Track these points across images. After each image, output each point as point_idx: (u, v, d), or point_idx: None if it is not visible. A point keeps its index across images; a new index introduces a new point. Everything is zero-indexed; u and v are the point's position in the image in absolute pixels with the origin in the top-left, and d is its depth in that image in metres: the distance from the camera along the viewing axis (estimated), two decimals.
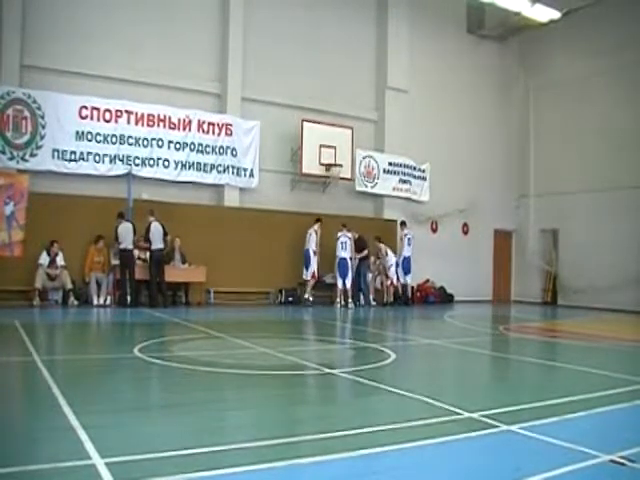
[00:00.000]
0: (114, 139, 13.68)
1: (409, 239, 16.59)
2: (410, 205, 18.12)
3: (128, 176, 13.65)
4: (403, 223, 16.99)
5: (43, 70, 13.16)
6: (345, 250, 15.27)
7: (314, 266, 15.13)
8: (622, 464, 3.41)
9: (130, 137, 13.84)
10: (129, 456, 3.31)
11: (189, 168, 14.58)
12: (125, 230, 12.89)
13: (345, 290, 15.32)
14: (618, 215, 17.52)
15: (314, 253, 15.12)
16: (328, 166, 16.00)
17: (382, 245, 16.26)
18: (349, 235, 15.42)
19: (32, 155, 12.83)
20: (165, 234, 13.26)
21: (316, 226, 15.27)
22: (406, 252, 16.47)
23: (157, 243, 13.11)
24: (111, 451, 3.34)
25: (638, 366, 7.73)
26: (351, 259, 15.43)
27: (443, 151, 18.73)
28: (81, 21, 13.56)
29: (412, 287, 17.60)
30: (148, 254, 13.18)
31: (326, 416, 4.53)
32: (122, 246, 12.85)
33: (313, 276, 15.20)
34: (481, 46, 20.00)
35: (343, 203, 16.86)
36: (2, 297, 11.93)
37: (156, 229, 13.13)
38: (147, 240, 13.04)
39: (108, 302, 13.02)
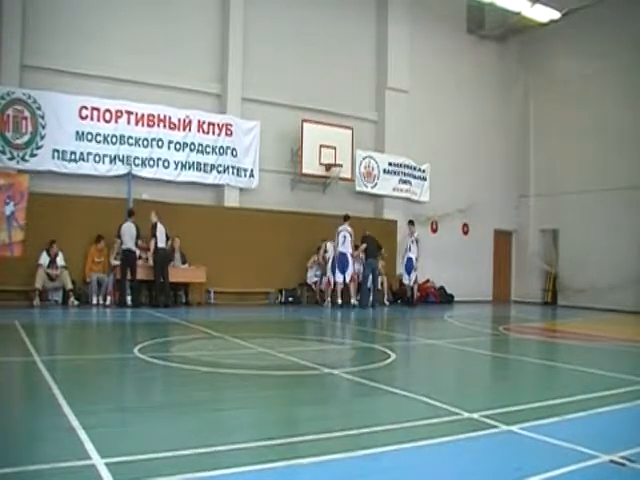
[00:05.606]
0: (114, 139, 13.67)
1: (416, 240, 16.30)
2: (410, 205, 18.09)
3: (128, 176, 13.65)
4: (411, 222, 16.61)
5: (43, 70, 13.15)
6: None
7: (351, 268, 14.83)
8: (622, 464, 3.41)
9: (130, 137, 13.83)
10: (129, 456, 3.30)
11: (189, 168, 14.57)
12: (128, 230, 12.90)
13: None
14: (618, 215, 17.51)
15: (351, 256, 14.86)
16: (328, 166, 16.00)
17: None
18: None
19: (32, 155, 12.83)
20: (167, 237, 13.34)
21: (348, 226, 14.86)
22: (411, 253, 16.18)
23: (162, 242, 13.18)
24: (111, 451, 3.34)
25: (638, 366, 7.73)
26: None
27: (443, 151, 18.72)
28: (81, 21, 13.56)
29: (412, 287, 17.58)
30: (152, 253, 13.10)
31: (326, 416, 4.53)
32: (125, 246, 12.84)
33: (352, 279, 14.95)
34: (481, 46, 19.99)
35: (343, 203, 16.80)
36: (2, 297, 11.93)
37: (160, 229, 13.20)
38: (154, 236, 13.03)
39: (108, 302, 13.03)
